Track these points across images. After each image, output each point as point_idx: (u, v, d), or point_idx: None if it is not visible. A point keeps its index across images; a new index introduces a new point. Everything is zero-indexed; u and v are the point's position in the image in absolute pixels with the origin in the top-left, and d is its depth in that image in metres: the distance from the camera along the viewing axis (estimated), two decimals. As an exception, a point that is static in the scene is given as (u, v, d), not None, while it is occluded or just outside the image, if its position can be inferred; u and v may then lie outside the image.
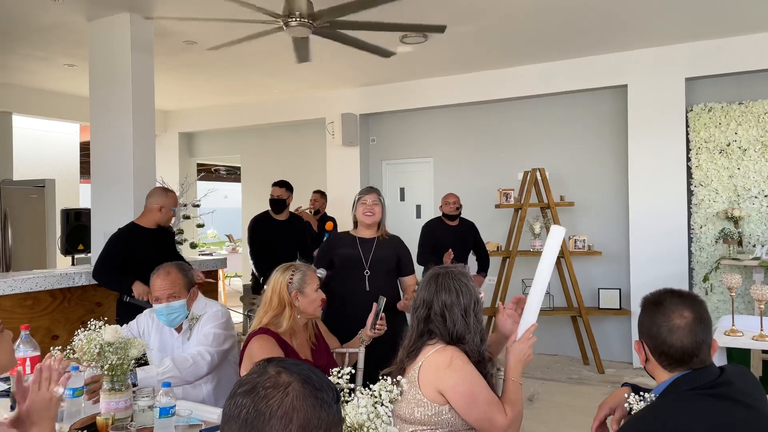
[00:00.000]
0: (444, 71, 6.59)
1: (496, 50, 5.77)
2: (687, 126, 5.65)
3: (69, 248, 6.36)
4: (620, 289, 5.88)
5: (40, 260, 6.66)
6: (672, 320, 1.63)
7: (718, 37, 5.39)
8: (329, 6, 3.73)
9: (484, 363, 2.05)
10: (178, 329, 2.77)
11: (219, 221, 12.97)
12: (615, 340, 6.10)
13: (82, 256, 6.32)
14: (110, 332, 2.08)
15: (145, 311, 2.95)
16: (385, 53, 4.49)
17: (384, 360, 2.21)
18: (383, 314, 2.73)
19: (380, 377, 1.58)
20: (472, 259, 5.44)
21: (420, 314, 2.07)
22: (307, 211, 6.23)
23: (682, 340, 1.60)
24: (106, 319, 2.23)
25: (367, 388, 1.37)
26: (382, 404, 1.30)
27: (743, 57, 5.35)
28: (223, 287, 9.75)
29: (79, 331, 2.14)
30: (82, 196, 8.85)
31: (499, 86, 6.51)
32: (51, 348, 2.08)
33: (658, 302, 1.68)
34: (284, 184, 5.30)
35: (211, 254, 10.08)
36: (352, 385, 1.42)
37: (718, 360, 3.83)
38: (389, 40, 5.19)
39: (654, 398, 1.63)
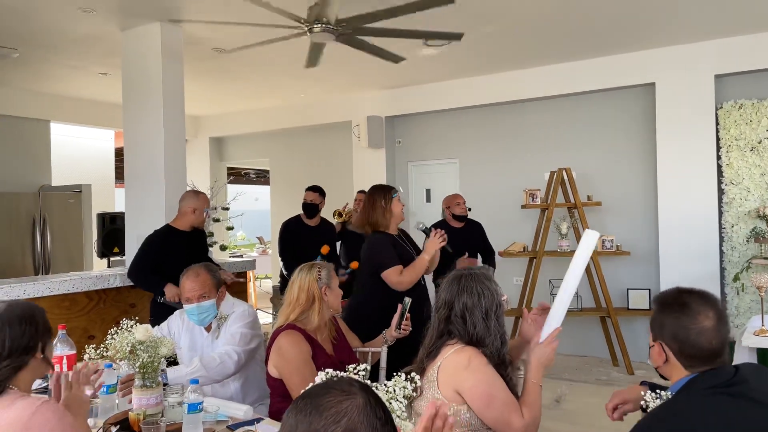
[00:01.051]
0: (469, 72, 6.61)
1: (520, 50, 5.77)
2: (717, 123, 5.56)
3: (105, 251, 6.57)
4: (650, 290, 5.82)
5: (78, 263, 6.89)
6: (700, 322, 1.62)
7: (747, 33, 5.29)
8: (353, 14, 3.79)
9: (504, 366, 2.05)
10: (208, 329, 2.86)
11: (250, 223, 13.14)
12: (645, 341, 6.02)
13: (118, 258, 6.51)
14: (141, 331, 2.17)
15: (175, 312, 3.05)
16: (395, 59, 4.54)
17: (407, 359, 2.24)
18: (408, 315, 2.78)
19: (396, 374, 1.63)
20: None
21: (441, 314, 2.09)
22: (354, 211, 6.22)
23: (711, 342, 1.61)
24: (137, 318, 2.32)
25: (382, 385, 1.41)
26: (397, 400, 1.34)
27: (775, 52, 5.26)
28: (253, 288, 9.91)
29: (112, 330, 2.23)
30: (117, 201, 9.09)
31: (524, 86, 6.49)
32: (85, 347, 2.19)
33: (682, 303, 1.67)
34: (317, 189, 5.35)
35: (241, 256, 10.24)
36: (368, 382, 1.46)
37: (749, 360, 3.78)
38: (413, 43, 5.24)
39: (670, 396, 1.64)
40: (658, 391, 1.70)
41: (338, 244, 5.80)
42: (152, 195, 4.82)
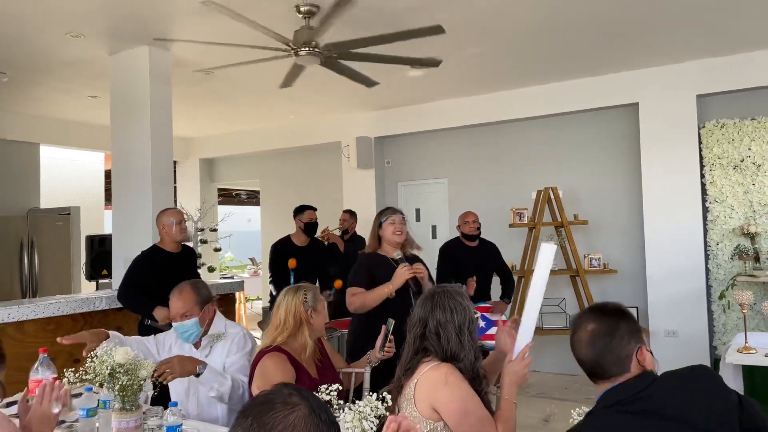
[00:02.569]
0: (457, 93, 6.69)
1: (507, 71, 5.85)
2: (700, 142, 5.64)
3: (93, 274, 6.54)
4: (637, 307, 5.84)
5: (65, 286, 6.85)
6: (577, 334, 1.69)
7: (728, 53, 5.40)
8: (344, 39, 3.86)
9: (478, 380, 2.08)
10: (197, 346, 2.85)
11: (243, 244, 13.15)
12: (634, 359, 6.03)
13: (106, 281, 6.48)
14: (121, 354, 2.16)
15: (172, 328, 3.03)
16: (369, 83, 4.61)
17: (391, 380, 2.25)
18: (392, 336, 2.78)
19: (369, 394, 1.63)
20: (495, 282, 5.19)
21: (416, 332, 2.12)
22: (335, 231, 6.27)
23: (583, 352, 1.66)
24: (117, 341, 2.32)
25: (354, 404, 1.43)
26: (367, 419, 1.36)
27: (754, 73, 5.35)
28: (244, 310, 9.87)
29: (91, 353, 2.23)
30: (107, 223, 9.09)
31: (511, 107, 6.57)
32: (65, 370, 2.18)
33: (574, 319, 1.74)
34: (315, 208, 5.38)
35: (232, 277, 10.22)
36: (341, 402, 1.48)
37: (734, 378, 3.78)
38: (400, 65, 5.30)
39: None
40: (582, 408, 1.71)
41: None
42: (140, 217, 4.83)
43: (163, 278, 3.86)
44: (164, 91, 4.95)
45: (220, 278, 9.44)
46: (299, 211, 5.31)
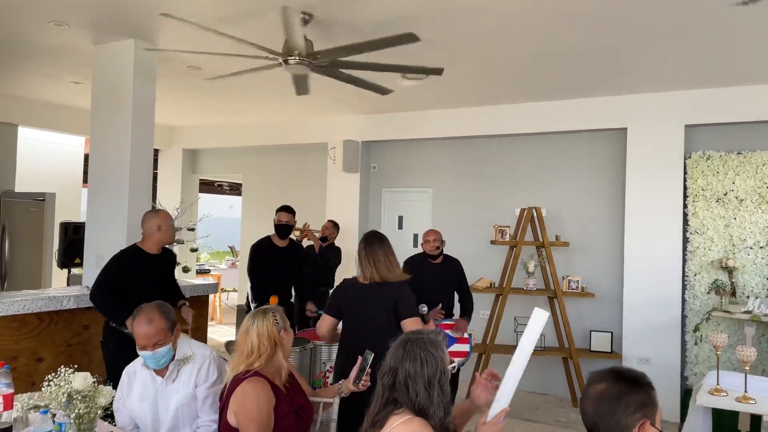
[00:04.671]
0: (446, 104, 6.63)
1: (498, 87, 5.80)
2: (685, 172, 5.64)
3: (66, 261, 6.38)
4: (612, 332, 5.85)
5: (37, 274, 6.69)
6: (588, 388, 1.73)
7: (719, 86, 5.40)
8: (327, 47, 3.78)
9: None
10: (161, 373, 2.69)
11: (223, 231, 12.97)
12: (605, 383, 6.05)
13: (77, 271, 6.32)
14: (79, 380, 2.09)
15: (125, 370, 2.85)
16: (383, 91, 4.53)
17: (362, 413, 2.17)
18: (369, 370, 2.68)
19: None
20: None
21: (386, 381, 2.03)
22: (316, 233, 6.24)
23: (586, 408, 1.71)
24: (76, 366, 2.24)
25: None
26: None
27: (743, 107, 5.36)
28: (219, 304, 9.78)
29: (50, 376, 2.14)
30: (83, 206, 8.89)
31: (500, 122, 6.53)
32: (19, 395, 2.10)
33: (593, 373, 1.78)
34: (290, 210, 5.28)
35: (209, 270, 10.10)
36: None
37: (703, 418, 3.78)
38: (390, 75, 5.23)
39: None
40: None
41: None
42: (115, 213, 4.70)
43: (141, 280, 3.74)
44: (148, 86, 4.83)
45: (196, 270, 9.32)
46: (276, 211, 5.28)
